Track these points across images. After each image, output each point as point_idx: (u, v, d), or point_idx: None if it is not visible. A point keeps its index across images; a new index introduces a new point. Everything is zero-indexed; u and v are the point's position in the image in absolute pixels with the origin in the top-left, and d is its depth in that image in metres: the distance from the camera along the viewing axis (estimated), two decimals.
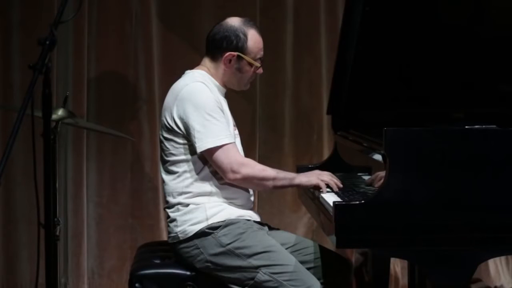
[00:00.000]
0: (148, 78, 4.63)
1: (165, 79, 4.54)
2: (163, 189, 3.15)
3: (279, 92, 4.73)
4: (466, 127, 2.69)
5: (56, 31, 2.51)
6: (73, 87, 4.54)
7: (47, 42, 2.48)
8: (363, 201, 2.55)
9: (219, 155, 2.98)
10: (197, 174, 3.04)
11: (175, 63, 4.55)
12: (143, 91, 4.64)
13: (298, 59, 4.72)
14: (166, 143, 3.08)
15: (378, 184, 2.78)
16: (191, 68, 3.19)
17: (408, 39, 3.38)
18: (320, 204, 2.92)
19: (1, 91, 4.55)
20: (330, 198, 2.85)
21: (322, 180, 3.01)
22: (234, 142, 3.05)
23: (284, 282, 2.95)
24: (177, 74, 3.19)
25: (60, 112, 3.70)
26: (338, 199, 2.80)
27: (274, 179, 3.02)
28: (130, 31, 4.63)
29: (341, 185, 3.02)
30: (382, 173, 2.64)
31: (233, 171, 2.98)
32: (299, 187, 3.08)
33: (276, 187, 3.06)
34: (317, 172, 3.10)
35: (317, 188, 3.03)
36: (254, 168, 3.02)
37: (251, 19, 3.19)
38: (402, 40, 3.38)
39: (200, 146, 2.98)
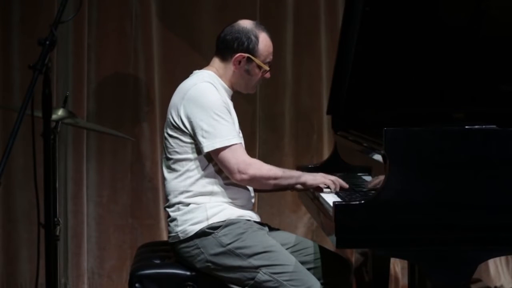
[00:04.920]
0: (148, 78, 4.63)
1: (165, 79, 4.54)
2: (164, 187, 3.15)
3: (279, 92, 4.73)
4: (466, 127, 2.69)
5: (56, 31, 2.51)
6: (73, 87, 4.54)
7: (47, 42, 2.48)
8: (363, 201, 2.55)
9: (227, 155, 2.97)
10: (200, 173, 3.04)
11: (175, 63, 4.55)
12: (143, 91, 4.64)
13: (298, 59, 4.72)
14: (171, 141, 3.07)
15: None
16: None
17: (408, 39, 3.38)
18: (320, 204, 2.92)
19: (1, 91, 4.55)
20: (330, 198, 2.85)
21: (328, 180, 3.02)
22: (242, 142, 3.05)
23: (284, 282, 2.95)
24: (177, 74, 3.20)
25: (60, 112, 3.69)
26: (338, 199, 2.80)
27: (280, 178, 3.03)
28: (130, 31, 4.63)
29: (346, 186, 3.03)
30: (382, 177, 2.64)
31: (240, 172, 2.97)
32: (304, 186, 3.06)
33: (282, 186, 3.07)
34: (323, 174, 3.10)
35: (319, 189, 3.04)
36: (261, 169, 3.02)
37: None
38: (402, 40, 3.38)
39: (208, 146, 2.97)
